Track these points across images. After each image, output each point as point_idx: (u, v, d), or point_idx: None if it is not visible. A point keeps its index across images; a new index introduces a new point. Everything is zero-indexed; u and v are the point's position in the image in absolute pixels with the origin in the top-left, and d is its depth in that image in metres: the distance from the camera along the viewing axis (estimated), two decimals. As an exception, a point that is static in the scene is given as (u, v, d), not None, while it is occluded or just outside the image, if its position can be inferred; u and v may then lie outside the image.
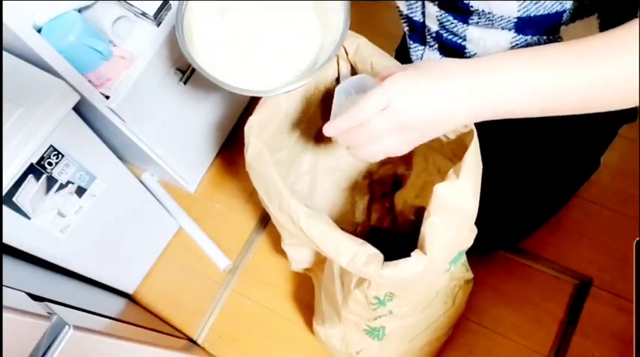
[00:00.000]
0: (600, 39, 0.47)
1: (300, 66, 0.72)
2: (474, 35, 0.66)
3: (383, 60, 0.71)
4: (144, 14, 0.90)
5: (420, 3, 0.69)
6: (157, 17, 0.90)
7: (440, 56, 0.74)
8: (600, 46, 0.47)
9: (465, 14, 0.63)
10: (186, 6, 0.71)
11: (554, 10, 0.58)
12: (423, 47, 0.76)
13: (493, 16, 0.60)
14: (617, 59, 0.46)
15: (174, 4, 0.92)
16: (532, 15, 0.58)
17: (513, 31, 0.62)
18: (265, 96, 0.72)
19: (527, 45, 0.64)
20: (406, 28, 0.76)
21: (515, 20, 0.60)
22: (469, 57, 0.70)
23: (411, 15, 0.72)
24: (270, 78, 0.72)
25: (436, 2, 0.65)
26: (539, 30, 0.61)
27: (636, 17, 0.47)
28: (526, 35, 0.62)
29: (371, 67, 0.71)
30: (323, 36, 0.72)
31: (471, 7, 0.61)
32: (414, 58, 0.79)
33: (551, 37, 0.63)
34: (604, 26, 0.59)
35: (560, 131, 0.78)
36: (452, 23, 0.66)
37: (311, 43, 0.73)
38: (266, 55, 0.73)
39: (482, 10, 0.60)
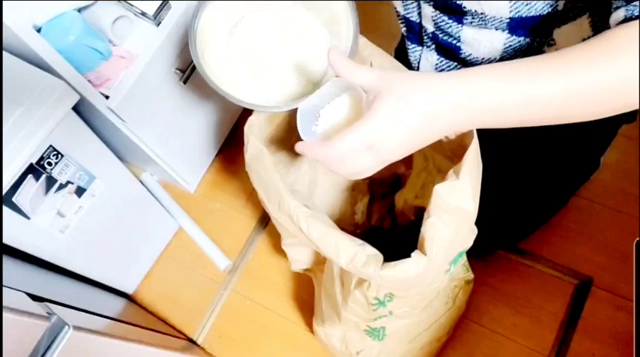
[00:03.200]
0: (590, 45, 0.45)
1: (309, 78, 0.71)
2: (468, 36, 0.66)
3: (382, 60, 0.71)
4: (143, 14, 0.90)
5: (415, 3, 0.69)
6: (157, 17, 0.90)
7: (437, 56, 0.75)
8: (593, 51, 0.45)
9: (458, 14, 0.63)
10: (198, 24, 0.70)
11: (545, 12, 0.58)
12: (420, 48, 0.76)
13: (485, 16, 0.61)
14: (613, 63, 0.44)
15: (173, 4, 0.92)
16: (524, 16, 0.59)
17: (507, 31, 0.62)
18: (278, 111, 0.71)
19: (521, 46, 0.64)
20: (404, 29, 0.76)
21: (508, 21, 0.60)
22: (464, 58, 0.70)
23: (407, 16, 0.72)
24: (279, 90, 0.71)
25: (431, 3, 0.66)
26: (532, 31, 0.61)
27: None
28: (519, 36, 0.63)
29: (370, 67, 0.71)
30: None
31: (464, 7, 0.61)
32: (412, 59, 0.79)
33: (544, 39, 0.63)
34: (595, 25, 0.59)
35: (560, 132, 0.77)
36: (446, 23, 0.66)
37: (320, 56, 0.72)
38: (275, 67, 0.72)
39: (475, 11, 0.61)
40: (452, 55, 0.72)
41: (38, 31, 0.80)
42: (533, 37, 0.63)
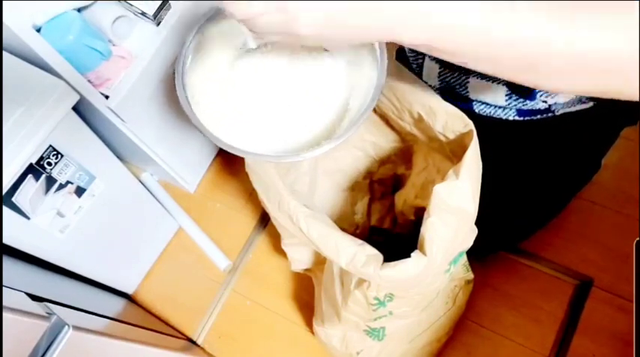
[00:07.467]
0: None
1: (316, 127, 0.66)
2: None
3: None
4: (143, 14, 0.90)
5: None
6: (157, 17, 0.90)
7: (439, 66, 0.75)
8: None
9: None
10: (186, 59, 0.66)
11: None
12: (422, 56, 0.76)
13: None
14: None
15: (173, 4, 0.92)
16: None
17: None
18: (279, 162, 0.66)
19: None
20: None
21: None
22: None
23: None
24: (283, 139, 0.65)
25: None
26: None
27: None
28: None
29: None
30: (350, 92, 0.66)
31: None
32: (414, 66, 0.79)
33: None
34: None
35: (561, 133, 0.77)
36: None
37: (334, 102, 0.66)
38: (278, 114, 0.66)
39: None
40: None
41: (38, 31, 0.80)
42: None
